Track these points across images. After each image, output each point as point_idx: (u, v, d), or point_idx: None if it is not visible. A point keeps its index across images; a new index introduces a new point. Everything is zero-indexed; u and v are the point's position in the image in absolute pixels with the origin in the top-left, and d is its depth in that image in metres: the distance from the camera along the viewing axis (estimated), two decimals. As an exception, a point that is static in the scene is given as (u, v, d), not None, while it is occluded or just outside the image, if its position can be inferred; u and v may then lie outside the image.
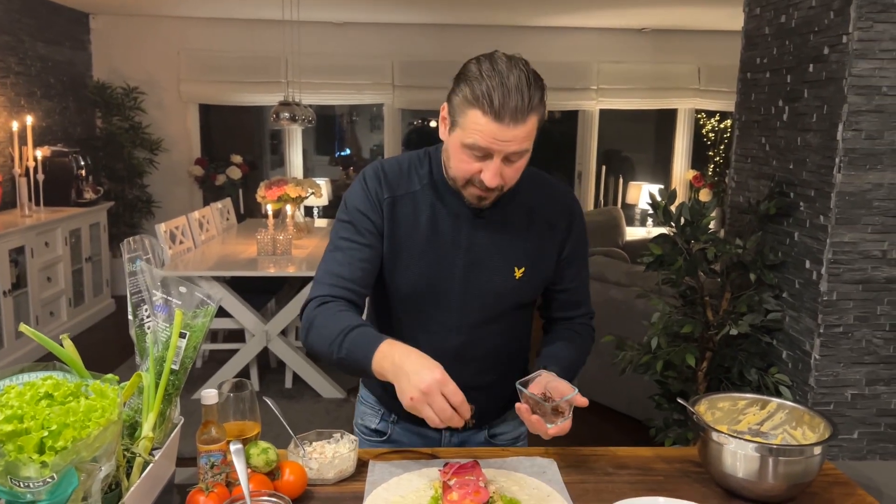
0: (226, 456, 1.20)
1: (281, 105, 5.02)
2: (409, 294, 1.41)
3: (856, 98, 2.23)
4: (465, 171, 1.28)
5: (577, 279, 1.50)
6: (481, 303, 1.41)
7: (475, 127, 1.22)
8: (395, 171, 1.41)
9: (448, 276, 1.39)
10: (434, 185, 1.39)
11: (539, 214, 1.43)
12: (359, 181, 1.41)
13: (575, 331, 1.51)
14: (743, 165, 2.95)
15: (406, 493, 1.23)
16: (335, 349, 1.26)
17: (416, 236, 1.38)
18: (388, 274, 1.40)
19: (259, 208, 6.50)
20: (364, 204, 1.38)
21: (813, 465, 1.21)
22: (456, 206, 1.38)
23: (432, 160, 1.41)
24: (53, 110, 5.64)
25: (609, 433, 3.67)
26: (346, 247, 1.37)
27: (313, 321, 1.31)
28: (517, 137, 1.22)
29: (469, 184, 1.30)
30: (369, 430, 1.58)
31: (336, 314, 1.29)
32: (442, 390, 1.13)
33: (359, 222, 1.37)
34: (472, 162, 1.26)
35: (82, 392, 0.96)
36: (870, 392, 2.40)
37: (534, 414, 1.24)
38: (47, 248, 4.77)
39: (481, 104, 1.20)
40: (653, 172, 7.47)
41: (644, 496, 1.23)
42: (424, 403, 1.12)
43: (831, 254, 2.32)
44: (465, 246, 1.38)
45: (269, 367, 4.58)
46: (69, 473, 0.91)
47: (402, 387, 1.15)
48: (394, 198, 1.38)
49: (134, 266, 1.21)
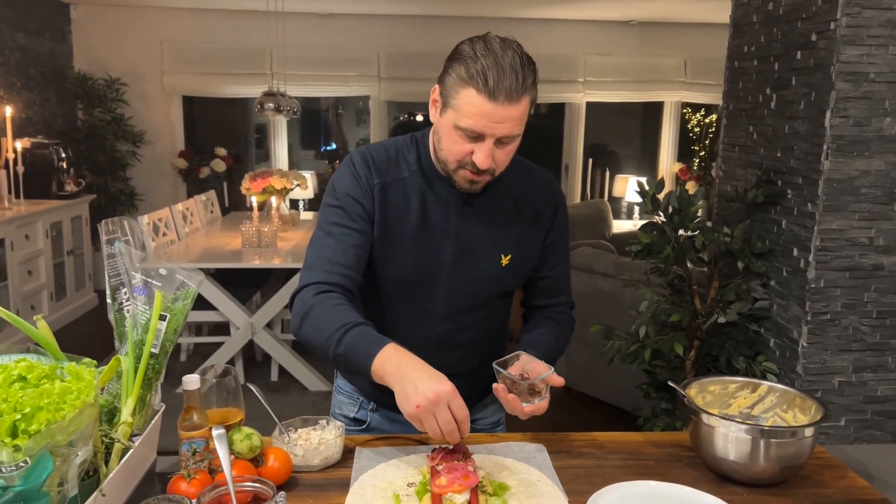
0: (208, 443, 1.17)
1: (265, 95, 4.96)
2: (398, 281, 1.39)
3: (843, 85, 2.23)
4: (457, 153, 1.26)
5: (558, 267, 1.50)
6: (468, 290, 1.40)
7: (469, 107, 1.20)
8: (383, 157, 1.38)
9: (437, 263, 1.37)
10: (423, 171, 1.37)
11: (525, 203, 1.42)
12: (347, 166, 1.38)
13: (554, 319, 1.50)
14: (730, 154, 2.95)
15: (394, 479, 1.21)
16: (332, 344, 1.21)
17: (405, 224, 1.36)
18: (377, 260, 1.37)
19: (244, 201, 6.45)
20: (355, 189, 1.35)
21: (805, 447, 1.20)
22: (445, 193, 1.36)
23: (420, 146, 1.39)
24: (34, 102, 5.55)
25: (596, 423, 3.66)
26: (338, 232, 1.33)
27: (310, 311, 1.26)
28: (510, 118, 1.20)
29: (460, 167, 1.28)
30: (348, 419, 1.56)
31: (335, 307, 1.25)
32: (449, 403, 1.10)
33: (350, 207, 1.34)
34: (463, 143, 1.24)
35: (57, 375, 0.93)
36: (857, 379, 2.40)
37: (510, 393, 1.23)
38: (28, 241, 4.69)
39: (476, 83, 1.18)
40: (639, 166, 7.48)
41: (635, 480, 1.21)
42: (430, 413, 1.10)
43: (819, 241, 2.32)
44: (454, 233, 1.37)
45: (254, 360, 4.54)
46: (43, 458, 0.87)
47: (408, 393, 1.11)
48: (384, 184, 1.36)
49: (112, 248, 1.18)
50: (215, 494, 0.98)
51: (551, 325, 1.48)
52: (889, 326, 2.36)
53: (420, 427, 1.12)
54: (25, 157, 4.95)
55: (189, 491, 1.07)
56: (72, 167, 5.40)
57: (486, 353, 1.47)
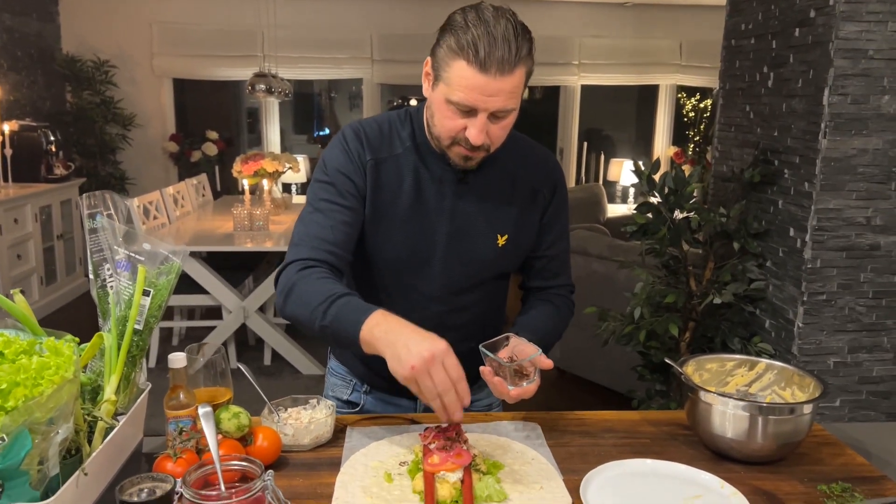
0: (195, 422, 1.14)
1: (256, 77, 4.90)
2: (391, 261, 1.35)
3: (842, 62, 2.20)
4: (450, 128, 1.22)
5: (556, 247, 1.45)
6: (464, 271, 1.37)
7: (460, 80, 1.15)
8: (376, 133, 1.34)
9: (431, 243, 1.34)
10: (417, 147, 1.33)
11: (522, 181, 1.38)
12: (339, 141, 1.34)
13: (551, 301, 1.45)
14: (727, 134, 2.92)
15: (386, 458, 1.18)
16: (318, 316, 1.17)
17: (399, 202, 1.32)
18: (369, 239, 1.34)
19: (235, 186, 6.39)
20: (346, 165, 1.31)
21: (803, 424, 1.18)
22: (439, 170, 1.32)
23: (414, 121, 1.35)
24: (21, 84, 5.47)
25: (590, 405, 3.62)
26: (327, 209, 1.29)
27: (293, 286, 1.22)
28: (503, 91, 1.16)
29: (454, 143, 1.24)
30: (341, 401, 1.53)
31: (319, 280, 1.21)
32: (444, 361, 1.05)
33: (340, 184, 1.30)
34: (456, 118, 1.20)
35: (35, 350, 0.90)
36: (852, 360, 2.39)
37: (496, 376, 1.17)
38: (17, 224, 4.64)
39: (466, 54, 1.13)
40: (634, 150, 7.45)
41: (630, 458, 1.19)
42: (425, 373, 1.04)
43: (816, 221, 2.29)
44: (448, 213, 1.33)
45: (247, 344, 4.51)
46: (22, 435, 0.84)
47: (400, 355, 1.06)
48: (377, 160, 1.31)
49: (94, 223, 1.14)
50: (201, 473, 0.95)
51: (547, 308, 1.44)
52: (885, 307, 2.35)
53: (416, 390, 1.07)
54: (13, 139, 4.88)
55: (175, 470, 1.04)
56: (61, 150, 5.33)
57: (482, 335, 1.43)
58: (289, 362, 4.16)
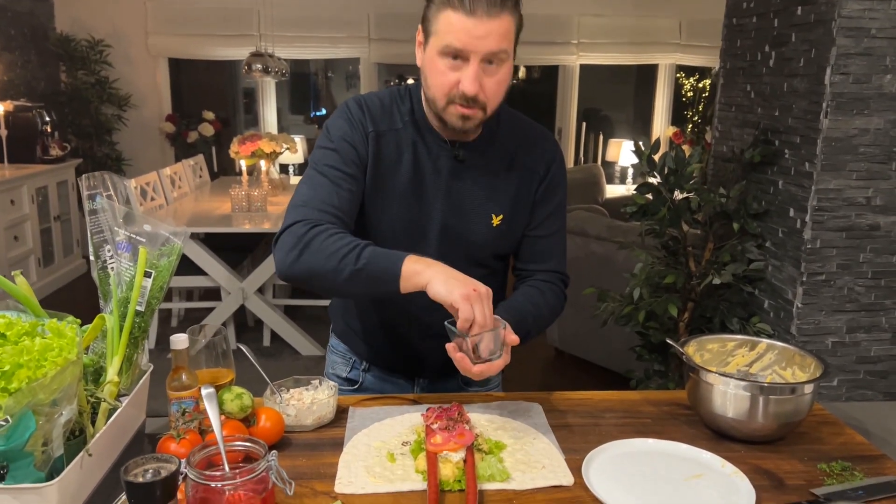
0: (198, 403, 1.14)
1: (253, 56, 4.86)
2: (387, 235, 1.34)
3: (844, 40, 2.18)
4: (444, 84, 1.21)
5: (545, 228, 1.41)
6: (459, 249, 1.36)
7: (449, 27, 1.16)
8: (378, 106, 1.34)
9: (427, 219, 1.33)
10: (416, 123, 1.33)
11: (519, 160, 1.37)
12: (342, 111, 1.33)
13: (537, 287, 1.40)
14: (727, 114, 2.91)
15: (388, 438, 1.19)
16: (351, 261, 1.15)
17: (397, 176, 1.32)
18: (367, 211, 1.33)
19: (233, 166, 6.36)
20: (350, 134, 1.30)
21: (803, 403, 1.19)
22: (436, 148, 1.32)
23: (413, 97, 1.35)
24: (15, 63, 5.41)
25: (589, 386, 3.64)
26: (332, 174, 1.28)
27: (311, 241, 1.19)
28: (492, 32, 1.16)
29: (449, 102, 1.22)
30: (340, 378, 1.54)
31: (338, 234, 1.20)
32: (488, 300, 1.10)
33: (345, 152, 1.29)
34: (449, 73, 1.20)
35: (38, 332, 0.89)
36: (850, 339, 2.40)
37: (459, 352, 1.14)
38: (13, 206, 4.61)
39: (452, 3, 1.15)
40: (632, 130, 7.42)
41: (631, 438, 1.20)
42: (478, 301, 1.08)
43: (816, 201, 2.29)
44: (444, 190, 1.33)
45: (246, 325, 4.51)
46: (26, 417, 0.85)
47: (450, 286, 1.09)
48: (378, 132, 1.31)
49: (94, 204, 1.14)
50: (205, 454, 0.96)
51: (532, 293, 1.38)
52: (884, 287, 2.36)
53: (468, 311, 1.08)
54: (8, 120, 4.85)
55: (179, 451, 1.04)
56: (56, 131, 5.29)
57: None
58: (288, 343, 4.17)
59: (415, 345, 1.43)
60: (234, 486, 0.91)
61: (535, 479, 1.07)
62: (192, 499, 0.91)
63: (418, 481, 1.06)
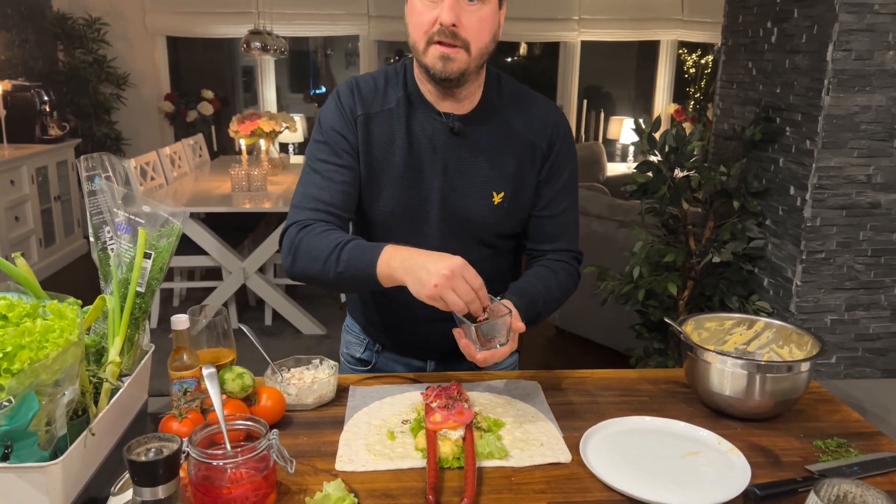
0: (199, 382, 1.15)
1: (251, 34, 4.82)
2: (387, 219, 1.33)
3: (847, 16, 2.16)
4: (422, 23, 1.20)
5: (555, 206, 1.37)
6: (460, 229, 1.34)
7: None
8: (370, 87, 1.32)
9: (425, 199, 1.31)
10: (409, 99, 1.31)
11: (520, 133, 1.33)
12: (332, 98, 1.33)
13: (549, 267, 1.37)
14: (728, 92, 2.89)
15: (388, 417, 1.20)
16: (332, 265, 1.17)
17: (392, 158, 1.30)
18: (364, 195, 1.33)
19: (232, 145, 6.34)
20: (339, 123, 1.29)
21: (800, 381, 1.20)
22: (431, 122, 1.30)
23: (408, 72, 1.33)
24: (12, 42, 5.37)
25: (588, 364, 3.69)
26: (323, 169, 1.28)
27: (299, 246, 1.22)
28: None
29: (430, 43, 1.21)
30: (354, 359, 1.55)
31: (322, 233, 1.21)
32: (464, 274, 1.07)
33: (335, 142, 1.29)
34: (426, 11, 1.19)
35: (39, 313, 0.90)
36: (849, 317, 2.41)
37: (465, 338, 1.14)
38: (13, 186, 4.61)
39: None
40: (634, 107, 7.38)
41: (630, 416, 1.21)
42: (449, 288, 1.06)
43: (816, 179, 2.29)
44: (441, 168, 1.30)
45: (247, 304, 4.53)
46: (29, 397, 0.85)
47: (421, 277, 1.07)
48: (367, 115, 1.30)
49: (93, 185, 1.14)
50: (207, 433, 0.97)
51: (543, 274, 1.36)
52: (883, 264, 2.36)
53: (443, 306, 1.08)
54: (6, 100, 4.82)
55: (181, 430, 1.06)
56: (55, 111, 5.27)
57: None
58: (289, 322, 4.19)
59: (425, 328, 1.40)
60: (235, 465, 0.92)
61: (533, 456, 1.09)
62: (194, 477, 0.93)
63: (418, 459, 1.07)
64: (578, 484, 1.03)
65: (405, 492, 1.00)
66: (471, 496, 0.96)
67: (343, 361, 1.58)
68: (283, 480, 1.01)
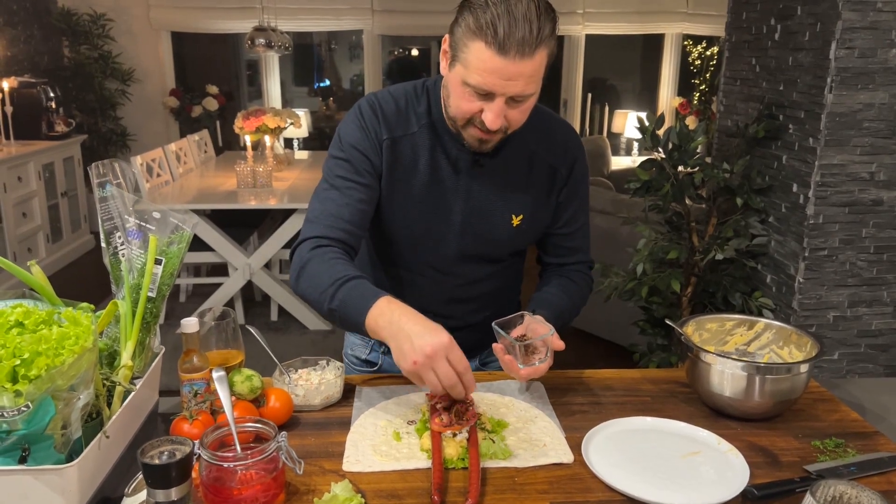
0: (209, 384, 1.18)
1: (256, 31, 4.83)
2: (406, 237, 1.36)
3: (850, 14, 2.16)
4: (466, 110, 1.18)
5: (573, 223, 1.42)
6: (479, 250, 1.37)
7: (478, 63, 1.10)
8: (393, 109, 1.31)
9: (446, 222, 1.34)
10: (433, 125, 1.30)
11: (540, 158, 1.35)
12: (355, 116, 1.32)
13: (569, 278, 1.43)
14: (732, 88, 2.89)
15: (394, 418, 1.22)
16: (327, 300, 1.18)
17: (414, 181, 1.31)
18: (385, 215, 1.34)
19: (237, 140, 6.36)
20: (362, 143, 1.29)
21: (799, 382, 1.22)
22: (455, 151, 1.30)
23: (431, 97, 1.32)
24: (18, 39, 5.39)
25: (592, 359, 3.72)
26: (342, 186, 1.28)
27: (305, 265, 1.23)
28: (523, 74, 1.11)
29: (469, 124, 1.20)
30: (360, 360, 1.57)
31: (330, 261, 1.21)
32: (448, 355, 1.06)
33: (356, 161, 1.29)
34: (473, 101, 1.16)
35: (55, 320, 0.93)
36: (851, 314, 2.42)
37: (508, 354, 1.19)
38: (20, 182, 4.65)
39: (484, 34, 1.08)
40: (638, 100, 7.36)
41: (631, 416, 1.23)
42: (429, 368, 1.05)
43: (819, 176, 2.30)
44: (463, 193, 1.32)
45: (253, 300, 4.56)
46: (45, 402, 0.88)
47: (403, 349, 1.07)
48: (392, 139, 1.29)
49: (104, 192, 1.16)
50: (217, 435, 0.99)
51: (565, 284, 1.42)
52: (886, 261, 2.37)
53: (420, 383, 1.09)
54: (13, 96, 4.85)
55: (192, 432, 1.08)
56: (61, 107, 5.29)
57: (496, 305, 1.45)
58: (295, 318, 4.22)
59: None
60: (245, 466, 0.95)
61: (536, 457, 1.11)
62: (205, 478, 0.95)
63: (423, 460, 1.09)
64: (580, 484, 1.05)
65: (411, 492, 1.02)
66: (475, 496, 0.98)
67: (347, 363, 1.59)
68: (291, 481, 1.04)
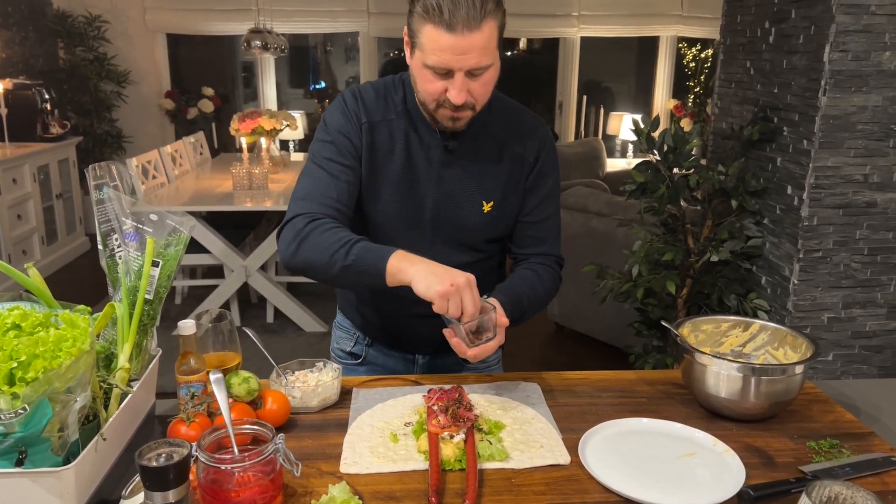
0: (206, 386, 1.18)
1: (252, 33, 4.83)
2: (383, 221, 1.40)
3: (844, 17, 2.18)
4: (431, 91, 1.25)
5: (539, 213, 1.45)
6: (452, 235, 1.41)
7: (431, 44, 1.19)
8: (372, 97, 1.38)
9: (420, 207, 1.38)
10: (408, 113, 1.37)
11: (509, 148, 1.41)
12: (339, 103, 1.39)
13: (534, 270, 1.44)
14: (726, 91, 2.91)
15: (391, 419, 1.23)
16: (340, 257, 1.21)
17: (391, 165, 1.37)
18: (364, 199, 1.38)
19: (233, 143, 6.36)
20: (345, 126, 1.35)
21: (794, 383, 1.22)
22: (428, 137, 1.36)
23: (406, 86, 1.38)
24: (13, 41, 5.38)
25: (588, 360, 3.73)
26: (330, 167, 1.33)
27: (307, 235, 1.25)
28: (474, 47, 1.18)
29: (438, 106, 1.27)
30: (345, 353, 1.61)
31: (333, 229, 1.25)
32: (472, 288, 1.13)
33: (341, 144, 1.35)
34: (435, 81, 1.23)
35: (51, 322, 0.93)
36: (846, 315, 2.43)
37: (455, 337, 1.20)
38: (15, 184, 4.63)
39: (432, 17, 1.17)
40: (633, 103, 7.38)
41: (627, 417, 1.24)
42: (459, 294, 1.12)
43: (813, 178, 2.31)
44: (436, 179, 1.38)
45: (249, 302, 4.56)
46: (42, 405, 0.88)
47: (437, 273, 1.13)
48: (371, 123, 1.36)
49: (101, 194, 1.16)
50: (215, 437, 0.99)
51: (526, 275, 1.43)
52: (880, 263, 2.38)
53: (445, 306, 1.12)
54: (8, 98, 4.84)
55: (189, 434, 1.08)
56: (56, 109, 5.28)
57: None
58: (291, 320, 4.21)
59: (412, 324, 1.48)
60: (243, 468, 0.95)
61: (532, 458, 1.11)
62: (203, 480, 0.95)
63: (420, 461, 1.10)
64: (577, 485, 1.06)
65: (408, 494, 1.03)
66: (472, 498, 0.99)
67: (334, 356, 1.64)
68: (289, 483, 1.04)
